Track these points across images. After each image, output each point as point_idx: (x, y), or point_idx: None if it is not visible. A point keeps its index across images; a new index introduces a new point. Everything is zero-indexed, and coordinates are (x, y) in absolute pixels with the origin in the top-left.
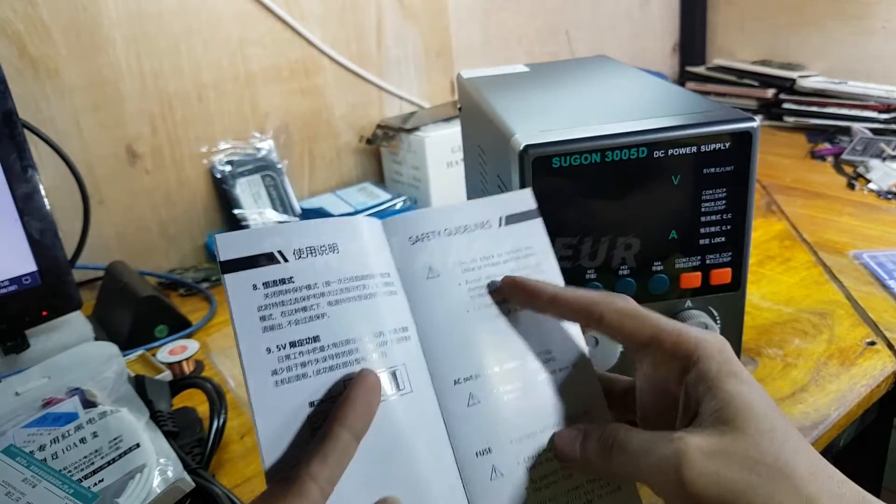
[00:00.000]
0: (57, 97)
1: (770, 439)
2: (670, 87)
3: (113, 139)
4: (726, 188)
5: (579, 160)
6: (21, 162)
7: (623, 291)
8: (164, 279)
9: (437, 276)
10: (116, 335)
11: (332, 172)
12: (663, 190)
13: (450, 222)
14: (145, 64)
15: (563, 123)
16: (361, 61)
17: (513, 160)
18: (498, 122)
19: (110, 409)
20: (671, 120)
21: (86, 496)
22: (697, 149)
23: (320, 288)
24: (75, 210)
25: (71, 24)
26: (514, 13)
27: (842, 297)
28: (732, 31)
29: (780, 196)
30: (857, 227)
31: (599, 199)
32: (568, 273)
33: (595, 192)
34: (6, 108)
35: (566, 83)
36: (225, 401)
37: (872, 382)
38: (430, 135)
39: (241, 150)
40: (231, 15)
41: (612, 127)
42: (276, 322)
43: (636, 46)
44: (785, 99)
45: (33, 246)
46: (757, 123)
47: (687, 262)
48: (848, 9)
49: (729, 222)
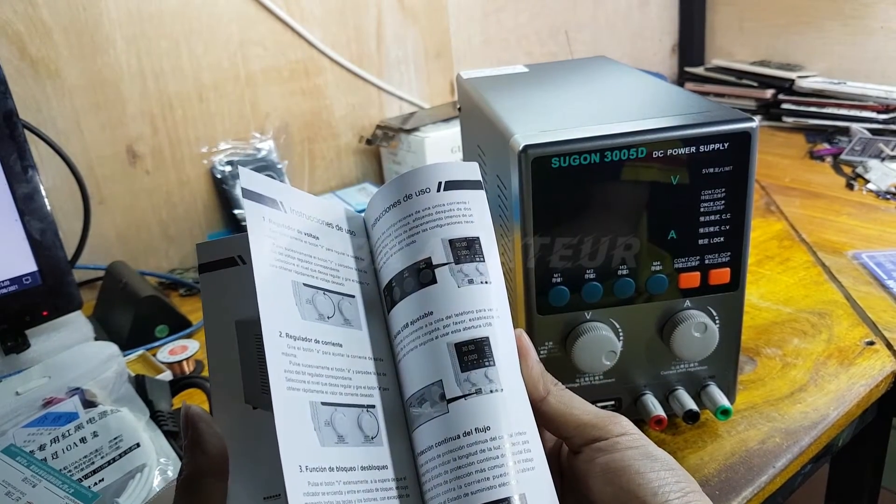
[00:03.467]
0: (57, 97)
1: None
2: (669, 88)
3: (113, 139)
4: (725, 188)
5: (578, 160)
6: (22, 162)
7: (622, 291)
8: (164, 279)
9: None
10: (117, 335)
11: (332, 173)
12: (662, 190)
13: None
14: (146, 64)
15: (563, 124)
16: (361, 62)
17: (512, 160)
18: (497, 122)
19: (110, 408)
20: (670, 120)
21: (86, 496)
22: (696, 149)
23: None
24: (76, 210)
25: (71, 25)
26: (513, 14)
27: (841, 296)
28: (731, 31)
29: (779, 196)
30: (855, 227)
31: (599, 199)
32: (568, 273)
33: (594, 192)
34: (7, 108)
35: (565, 84)
36: None
37: (871, 382)
38: (430, 135)
39: (242, 151)
40: (231, 16)
41: (611, 127)
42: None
43: (635, 47)
44: (784, 99)
45: (34, 246)
46: (756, 124)
47: (686, 262)
48: (846, 9)
49: (728, 222)
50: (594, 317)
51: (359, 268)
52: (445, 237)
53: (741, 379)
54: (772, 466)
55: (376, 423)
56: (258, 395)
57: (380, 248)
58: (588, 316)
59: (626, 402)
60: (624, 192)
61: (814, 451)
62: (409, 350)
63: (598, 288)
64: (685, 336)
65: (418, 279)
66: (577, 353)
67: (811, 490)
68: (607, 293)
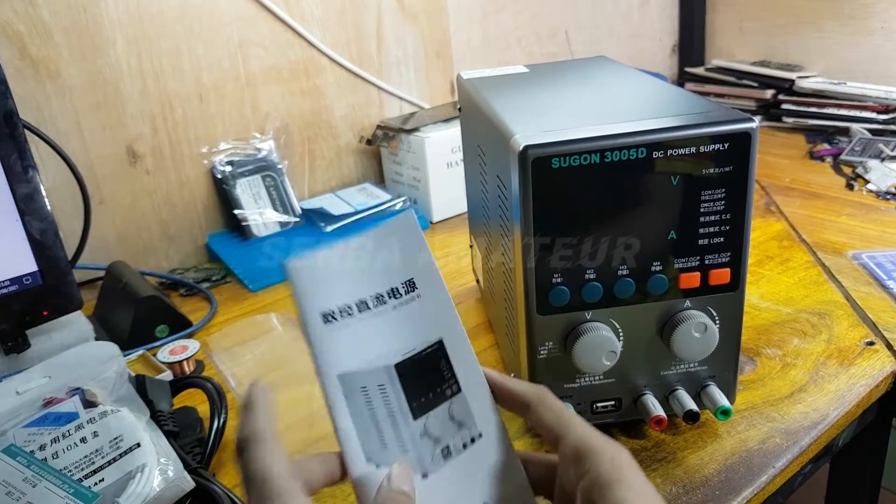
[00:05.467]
0: (58, 98)
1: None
2: (670, 88)
3: (114, 139)
4: (725, 189)
5: (578, 161)
6: (22, 162)
7: (622, 291)
8: (164, 279)
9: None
10: (117, 335)
11: (333, 173)
12: (662, 190)
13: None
14: (146, 64)
15: (563, 124)
16: (361, 62)
17: (512, 161)
18: (497, 122)
19: (111, 408)
20: (670, 121)
21: (86, 496)
22: (696, 149)
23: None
24: (76, 210)
25: (72, 25)
26: (512, 14)
27: (840, 297)
28: (731, 31)
29: (778, 196)
30: (855, 227)
31: (599, 199)
32: (568, 273)
33: (594, 193)
34: (7, 108)
35: (565, 84)
36: (225, 400)
37: (871, 382)
38: (430, 135)
39: (242, 151)
40: (232, 16)
41: (611, 127)
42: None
43: (635, 47)
44: (784, 100)
45: (34, 246)
46: (756, 124)
47: (686, 262)
48: (846, 9)
49: (728, 223)
50: (594, 317)
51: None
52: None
53: (741, 379)
54: (772, 467)
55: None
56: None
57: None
58: (588, 316)
59: (626, 402)
60: (624, 192)
61: (814, 452)
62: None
63: (599, 288)
64: (685, 336)
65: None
66: (577, 353)
67: (811, 490)
68: (607, 293)
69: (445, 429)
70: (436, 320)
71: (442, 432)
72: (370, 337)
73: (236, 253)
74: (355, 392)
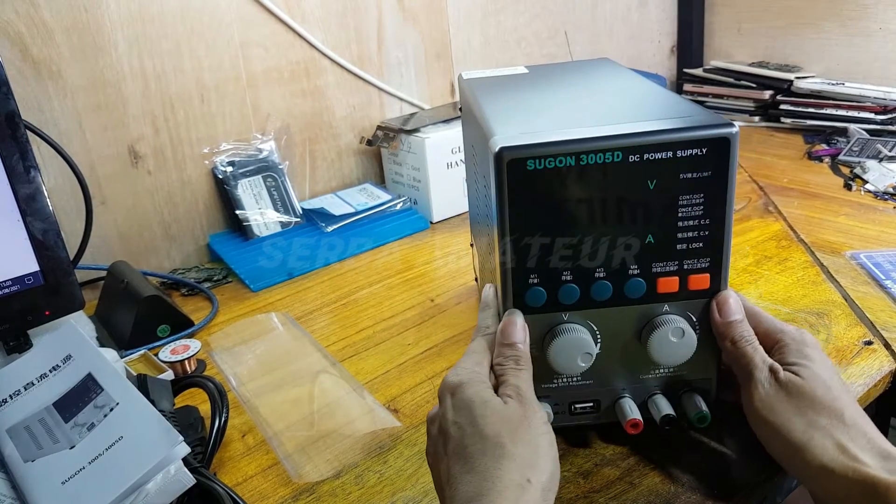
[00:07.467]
0: (59, 98)
1: (826, 388)
2: (659, 92)
3: (115, 140)
4: (704, 194)
5: (554, 163)
6: (24, 163)
7: (599, 294)
8: (166, 279)
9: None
10: (119, 335)
11: (333, 173)
12: (639, 194)
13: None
14: (147, 65)
15: (545, 126)
16: (362, 63)
17: (490, 162)
18: (483, 123)
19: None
20: (648, 125)
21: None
22: (673, 154)
23: None
24: (78, 210)
25: (73, 26)
26: (512, 15)
27: (839, 297)
28: (729, 32)
29: (777, 196)
30: (853, 227)
31: (575, 202)
32: (545, 274)
33: (570, 196)
34: (9, 109)
35: (560, 86)
36: (226, 400)
37: (870, 382)
38: (431, 136)
39: (243, 151)
40: (233, 17)
41: (588, 130)
42: None
43: (634, 48)
44: (782, 100)
45: (36, 246)
46: (736, 129)
47: (664, 266)
48: (845, 10)
49: (707, 228)
50: (571, 318)
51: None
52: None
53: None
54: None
55: None
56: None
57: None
58: (565, 317)
59: (604, 404)
60: (600, 195)
61: None
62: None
63: (575, 290)
64: (662, 341)
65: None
66: (552, 353)
67: None
68: (584, 295)
69: (91, 415)
70: (88, 363)
71: (88, 418)
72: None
73: (237, 253)
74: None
